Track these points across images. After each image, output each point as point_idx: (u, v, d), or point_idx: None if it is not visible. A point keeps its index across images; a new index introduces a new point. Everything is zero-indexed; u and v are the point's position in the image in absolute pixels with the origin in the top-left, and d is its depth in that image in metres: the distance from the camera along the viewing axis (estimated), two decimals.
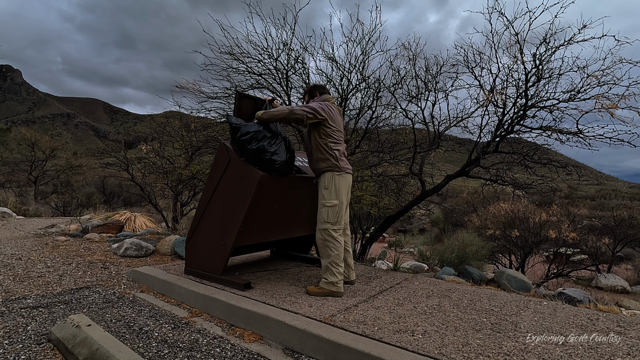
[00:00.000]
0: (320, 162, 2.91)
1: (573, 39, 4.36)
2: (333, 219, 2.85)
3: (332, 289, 2.81)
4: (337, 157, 2.90)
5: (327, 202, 2.85)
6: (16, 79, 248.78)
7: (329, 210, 2.84)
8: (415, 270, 6.53)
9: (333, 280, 2.81)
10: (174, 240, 4.79)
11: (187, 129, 8.61)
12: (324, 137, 2.89)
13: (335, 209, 2.85)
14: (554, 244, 10.94)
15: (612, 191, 65.30)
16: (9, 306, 2.73)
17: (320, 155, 2.90)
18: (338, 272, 2.83)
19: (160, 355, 2.06)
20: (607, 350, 1.93)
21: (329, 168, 2.89)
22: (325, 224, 2.85)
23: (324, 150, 2.89)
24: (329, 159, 2.88)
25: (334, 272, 2.81)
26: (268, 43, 5.56)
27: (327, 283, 2.82)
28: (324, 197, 2.87)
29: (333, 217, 2.85)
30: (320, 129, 2.89)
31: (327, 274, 2.83)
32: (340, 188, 2.88)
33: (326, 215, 2.84)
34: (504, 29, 4.68)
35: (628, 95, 4.15)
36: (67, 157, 21.73)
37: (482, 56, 5.03)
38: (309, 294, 2.82)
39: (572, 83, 4.57)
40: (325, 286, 2.82)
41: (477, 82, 5.20)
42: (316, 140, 2.91)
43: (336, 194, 2.86)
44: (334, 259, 2.82)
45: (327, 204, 2.85)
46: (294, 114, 2.80)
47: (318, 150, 2.90)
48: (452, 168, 6.24)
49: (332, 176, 2.88)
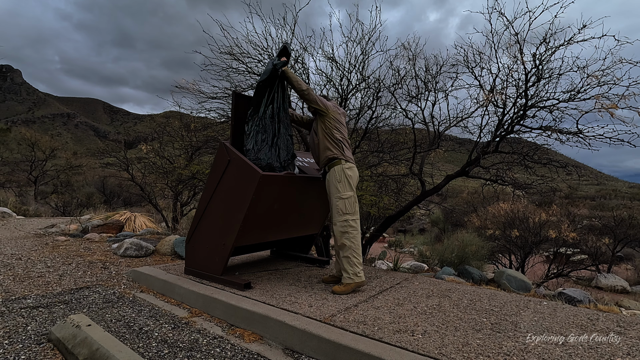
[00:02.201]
0: (327, 151, 3.03)
1: (573, 39, 4.36)
2: (351, 209, 2.94)
3: (356, 281, 2.86)
4: (342, 146, 3.05)
5: (342, 195, 2.93)
6: (16, 79, 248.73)
7: (345, 202, 2.93)
8: (415, 270, 6.53)
9: (355, 271, 2.86)
10: (174, 240, 4.79)
11: (187, 129, 8.61)
12: (329, 127, 3.04)
13: (351, 199, 2.95)
14: (554, 244, 10.94)
15: (612, 191, 65.32)
16: (9, 306, 2.73)
17: (327, 144, 3.03)
18: (358, 262, 2.89)
19: (160, 355, 2.06)
20: (607, 350, 1.93)
21: (336, 157, 3.00)
22: (344, 215, 2.92)
23: (330, 139, 3.03)
24: (336, 146, 3.03)
25: (354, 263, 2.87)
26: (268, 43, 5.56)
27: (350, 276, 2.86)
28: (339, 190, 2.95)
29: (351, 207, 2.94)
30: (325, 121, 3.06)
31: (348, 265, 2.87)
32: (352, 179, 3.00)
33: (344, 207, 2.92)
34: (504, 29, 4.68)
35: (628, 95, 4.15)
36: (67, 157, 21.74)
37: (482, 56, 5.04)
38: (336, 294, 2.83)
39: (572, 83, 4.58)
40: (349, 281, 2.86)
41: (477, 82, 5.21)
42: (322, 130, 3.06)
43: (350, 186, 2.97)
44: (354, 249, 2.88)
45: (343, 196, 2.93)
46: (309, 92, 3.01)
47: (325, 139, 3.04)
48: (452, 168, 6.23)
49: (342, 169, 2.98)
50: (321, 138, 3.07)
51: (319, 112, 3.06)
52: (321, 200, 3.64)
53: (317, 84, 6.13)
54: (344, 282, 2.88)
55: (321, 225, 3.97)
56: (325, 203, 3.72)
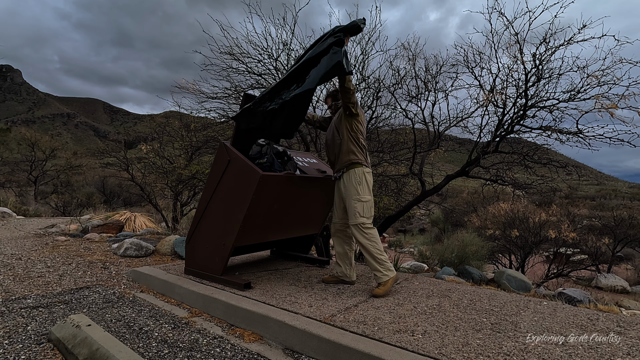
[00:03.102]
0: (351, 154, 2.98)
1: (573, 39, 4.36)
2: (368, 214, 2.92)
3: (391, 276, 2.85)
4: (365, 152, 3.04)
5: (362, 198, 2.91)
6: (16, 79, 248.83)
7: (364, 205, 2.91)
8: (415, 270, 6.54)
9: (387, 267, 2.86)
10: (174, 240, 4.79)
11: (187, 129, 8.61)
12: (355, 131, 2.98)
13: (369, 203, 2.94)
14: (554, 244, 10.94)
15: (612, 191, 65.32)
16: (9, 306, 2.73)
17: (352, 148, 2.98)
18: (385, 259, 2.89)
19: (160, 355, 2.06)
20: (607, 350, 1.93)
21: (358, 161, 2.97)
22: (361, 219, 2.89)
23: (355, 143, 2.98)
24: (361, 152, 2.99)
25: (382, 260, 2.87)
26: (268, 43, 5.56)
27: (384, 273, 2.85)
28: (358, 193, 2.92)
29: (368, 211, 2.92)
30: (353, 123, 2.98)
31: (378, 265, 2.86)
32: (370, 184, 2.99)
33: (362, 210, 2.90)
34: (504, 29, 4.69)
35: (628, 95, 4.15)
36: (67, 157, 21.75)
37: (482, 56, 5.04)
38: (377, 297, 2.81)
39: (572, 83, 4.58)
40: (385, 278, 2.84)
41: (477, 82, 5.21)
42: (348, 133, 2.98)
43: (369, 190, 2.96)
44: (378, 247, 2.88)
45: (363, 199, 2.91)
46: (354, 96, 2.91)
47: (350, 142, 2.98)
48: (452, 168, 6.24)
49: (363, 172, 2.96)
50: (346, 139, 2.99)
51: (351, 113, 2.95)
52: (321, 201, 3.64)
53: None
54: (380, 282, 2.87)
55: (321, 225, 3.96)
56: (325, 203, 3.72)
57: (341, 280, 3.16)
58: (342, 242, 3.17)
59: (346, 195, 2.97)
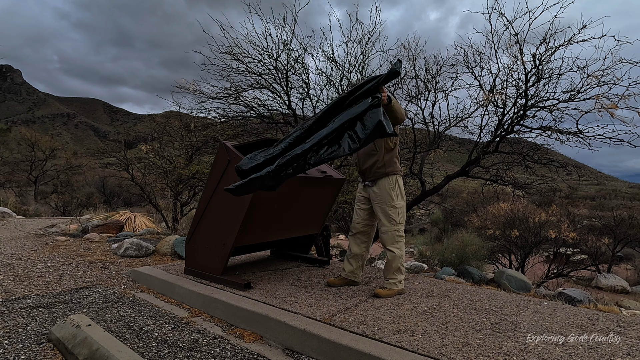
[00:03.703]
0: (390, 166, 2.96)
1: (573, 39, 4.36)
2: (402, 220, 2.94)
3: (399, 287, 2.90)
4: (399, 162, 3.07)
5: (396, 204, 2.91)
6: (16, 79, 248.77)
7: (398, 211, 2.92)
8: (415, 270, 6.54)
9: (401, 279, 2.91)
10: (174, 240, 4.79)
11: (187, 129, 8.61)
12: (394, 141, 2.96)
13: (403, 209, 2.96)
14: (554, 244, 10.94)
15: (612, 191, 65.32)
16: (9, 306, 2.73)
17: (394, 159, 2.99)
18: (404, 271, 2.94)
19: (160, 355, 2.06)
20: (607, 350, 1.93)
21: (395, 172, 2.98)
22: (397, 225, 2.90)
23: (395, 156, 2.99)
24: (398, 164, 3.01)
25: (402, 271, 2.91)
26: (268, 43, 5.56)
27: (396, 283, 2.89)
28: (393, 199, 2.91)
29: (402, 217, 2.94)
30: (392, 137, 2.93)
31: (398, 273, 2.89)
32: (402, 189, 3.01)
33: (397, 217, 2.91)
34: (504, 29, 4.69)
35: (628, 95, 4.15)
36: (67, 157, 21.75)
37: (482, 56, 5.04)
38: (378, 297, 2.81)
39: (572, 83, 4.58)
40: (394, 287, 2.88)
41: (477, 82, 5.21)
42: (388, 145, 2.94)
43: (402, 196, 2.98)
44: (403, 257, 2.91)
45: (397, 205, 2.91)
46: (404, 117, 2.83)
47: (390, 154, 2.96)
48: (452, 168, 6.24)
49: (396, 179, 2.97)
50: (385, 151, 2.93)
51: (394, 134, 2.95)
52: (321, 201, 3.64)
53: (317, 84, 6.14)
54: (388, 286, 2.89)
55: (321, 225, 3.96)
56: (325, 203, 3.72)
57: (349, 281, 3.14)
58: (361, 243, 3.14)
59: (379, 202, 2.93)
